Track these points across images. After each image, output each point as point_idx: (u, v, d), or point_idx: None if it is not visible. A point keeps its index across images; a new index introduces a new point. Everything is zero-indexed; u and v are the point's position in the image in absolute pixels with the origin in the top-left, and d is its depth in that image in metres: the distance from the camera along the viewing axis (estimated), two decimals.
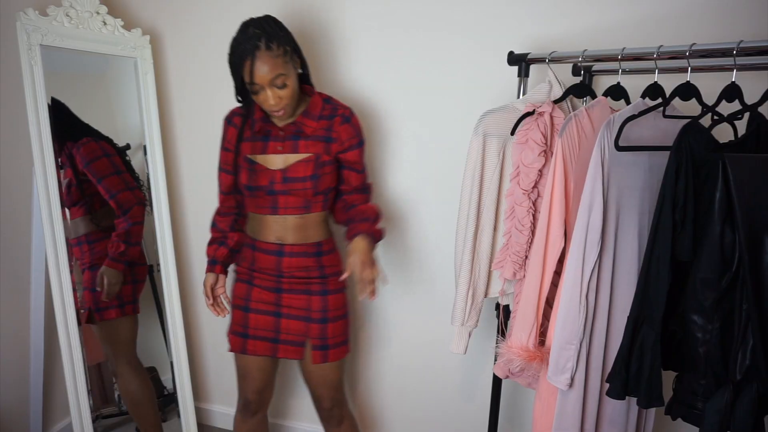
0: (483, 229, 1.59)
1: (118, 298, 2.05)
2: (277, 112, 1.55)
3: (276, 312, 1.70)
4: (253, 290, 1.72)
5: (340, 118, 1.65)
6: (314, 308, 1.69)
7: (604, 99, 1.46)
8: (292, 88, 1.54)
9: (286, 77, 1.51)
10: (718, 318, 1.14)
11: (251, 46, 1.48)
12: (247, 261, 1.73)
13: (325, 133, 1.64)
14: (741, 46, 1.21)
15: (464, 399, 2.12)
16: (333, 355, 1.70)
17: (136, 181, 2.13)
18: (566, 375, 1.36)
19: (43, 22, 1.79)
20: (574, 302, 1.33)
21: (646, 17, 1.67)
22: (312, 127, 1.63)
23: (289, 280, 1.69)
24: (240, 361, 1.78)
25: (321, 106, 1.65)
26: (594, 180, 1.29)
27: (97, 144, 2.01)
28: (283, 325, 1.70)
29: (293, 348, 1.71)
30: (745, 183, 1.08)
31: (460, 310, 1.62)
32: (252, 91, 1.53)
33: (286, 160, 1.63)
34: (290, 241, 1.66)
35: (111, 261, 2.00)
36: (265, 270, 1.69)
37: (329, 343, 1.70)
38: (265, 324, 1.71)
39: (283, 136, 1.64)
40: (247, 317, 1.72)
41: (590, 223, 1.30)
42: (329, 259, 1.73)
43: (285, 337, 1.71)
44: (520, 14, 1.80)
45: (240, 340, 1.74)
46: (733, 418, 1.12)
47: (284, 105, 1.54)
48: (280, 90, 1.52)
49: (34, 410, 2.11)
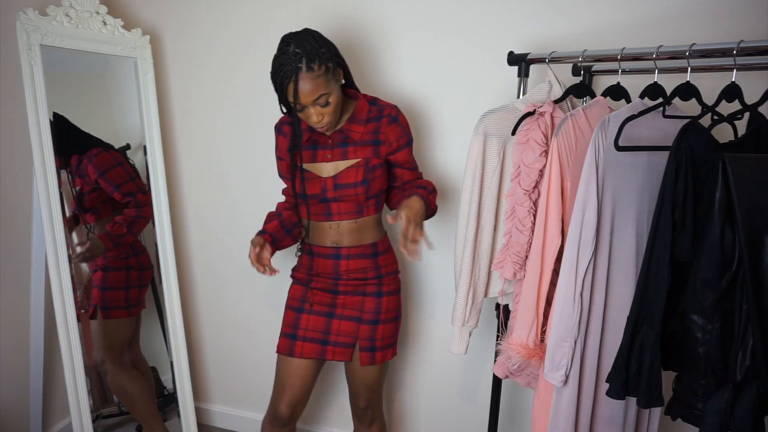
0: (483, 229, 1.59)
1: (126, 300, 2.08)
2: (321, 127, 1.56)
3: (330, 313, 1.70)
4: (309, 292, 1.71)
5: (387, 119, 1.64)
6: (367, 309, 1.68)
7: (602, 99, 1.46)
8: (335, 105, 1.53)
9: (329, 95, 1.50)
10: (718, 318, 1.14)
11: (292, 69, 1.45)
12: (306, 266, 1.73)
13: (373, 137, 1.63)
14: (741, 46, 1.21)
15: (464, 399, 2.12)
16: (380, 357, 1.70)
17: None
18: (561, 372, 1.36)
19: (43, 22, 1.79)
20: (568, 300, 1.34)
21: (646, 17, 1.67)
22: (359, 133, 1.62)
23: (346, 282, 1.69)
24: (282, 366, 1.75)
25: (367, 109, 1.64)
26: (588, 179, 1.29)
27: (109, 154, 2.06)
28: (334, 327, 1.70)
29: (342, 350, 1.70)
30: (745, 183, 1.07)
31: (460, 311, 1.62)
32: (296, 109, 1.52)
33: (337, 167, 1.63)
34: (346, 244, 1.67)
35: (105, 236, 2.03)
36: (324, 274, 1.70)
37: (377, 345, 1.69)
38: (316, 325, 1.70)
39: (331, 144, 1.63)
40: (299, 318, 1.71)
41: (584, 222, 1.31)
42: (385, 259, 1.73)
43: (335, 338, 1.70)
44: (520, 14, 1.80)
45: (288, 341, 1.72)
46: (733, 419, 1.12)
47: (327, 121, 1.54)
48: (323, 108, 1.51)
49: (34, 410, 2.11)
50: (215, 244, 2.34)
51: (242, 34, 2.12)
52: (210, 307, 2.42)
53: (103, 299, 2.06)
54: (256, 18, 2.09)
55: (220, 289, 2.36)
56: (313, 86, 1.46)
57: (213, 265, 2.37)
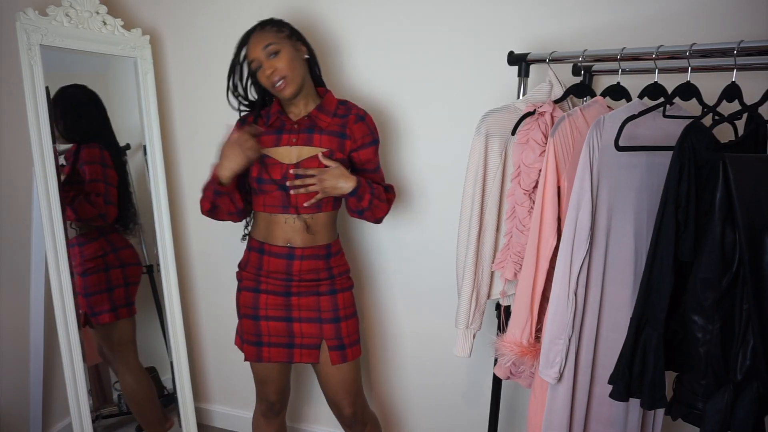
0: (485, 230, 1.58)
1: (111, 302, 2.05)
2: (278, 84, 1.58)
3: (287, 317, 1.69)
4: (260, 297, 1.70)
5: (354, 117, 1.67)
6: (324, 308, 1.68)
7: (601, 99, 1.46)
8: (288, 58, 1.58)
9: (278, 45, 1.58)
10: (719, 318, 1.14)
11: (248, 33, 1.62)
12: (254, 265, 1.71)
13: (340, 129, 1.65)
14: (741, 46, 1.21)
15: (464, 399, 2.12)
16: (351, 354, 1.70)
17: (127, 195, 2.14)
18: (555, 369, 1.37)
19: (43, 22, 1.79)
20: (562, 298, 1.34)
21: (646, 17, 1.67)
22: (326, 122, 1.65)
23: (299, 284, 1.67)
24: (258, 368, 1.77)
25: (336, 103, 1.69)
26: (582, 179, 1.29)
27: (99, 151, 2.04)
28: (296, 330, 1.69)
29: (308, 351, 1.70)
30: (745, 183, 1.07)
31: (464, 313, 1.60)
32: (254, 71, 1.60)
33: (300, 154, 1.63)
34: (299, 245, 1.65)
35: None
36: (275, 274, 1.68)
37: (345, 342, 1.69)
38: (277, 330, 1.70)
39: (297, 129, 1.64)
40: (258, 325, 1.71)
41: (578, 221, 1.31)
42: (337, 260, 1.73)
43: (299, 341, 1.70)
44: (520, 14, 1.80)
45: (254, 348, 1.72)
46: (734, 419, 1.12)
47: (282, 75, 1.57)
48: (273, 59, 1.57)
49: (34, 410, 2.11)
50: (215, 244, 2.34)
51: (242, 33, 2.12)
52: (210, 307, 2.42)
53: (88, 305, 2.03)
54: (256, 18, 2.09)
55: (220, 289, 2.36)
56: (262, 38, 1.59)
57: (213, 265, 2.37)
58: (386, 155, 2.03)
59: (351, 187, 1.57)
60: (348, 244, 2.14)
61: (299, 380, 2.33)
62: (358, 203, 1.62)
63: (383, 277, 2.14)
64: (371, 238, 2.13)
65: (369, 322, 2.20)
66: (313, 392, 2.33)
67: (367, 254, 2.15)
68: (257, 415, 1.87)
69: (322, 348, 1.69)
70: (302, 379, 2.33)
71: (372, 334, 2.20)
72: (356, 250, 2.15)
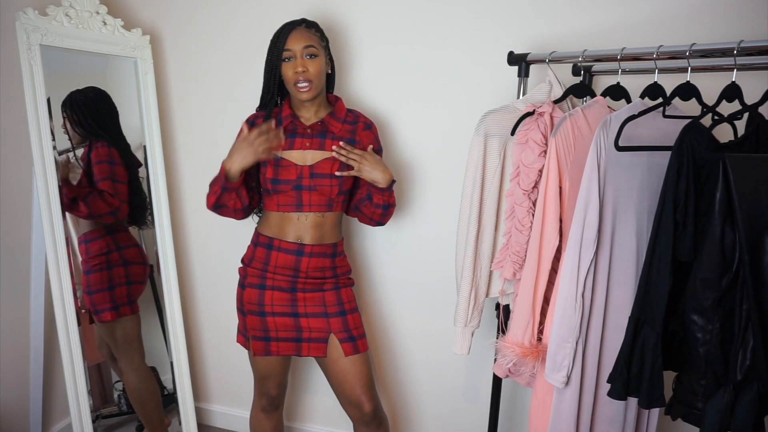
0: (484, 230, 1.59)
1: (112, 300, 2.06)
2: (302, 83, 1.62)
3: (293, 312, 1.72)
4: (266, 294, 1.72)
5: (362, 125, 1.75)
6: (329, 303, 1.72)
7: (601, 99, 1.46)
8: (320, 68, 1.63)
9: (317, 50, 1.63)
10: (719, 318, 1.14)
11: (291, 25, 1.64)
12: (261, 260, 1.73)
13: (350, 136, 1.72)
14: (741, 46, 1.20)
15: (464, 398, 2.12)
16: (361, 345, 1.72)
17: (138, 196, 2.14)
18: (563, 373, 1.36)
19: (43, 21, 1.79)
20: (570, 300, 1.34)
21: (646, 17, 1.67)
22: (338, 128, 1.70)
23: (305, 281, 1.71)
24: (262, 363, 1.78)
25: (346, 111, 1.75)
26: (590, 179, 1.29)
27: (107, 149, 2.03)
28: (303, 324, 1.72)
29: (317, 345, 1.73)
30: (745, 183, 1.07)
31: (462, 311, 1.62)
32: (283, 59, 1.62)
33: (313, 157, 1.68)
34: (308, 241, 1.69)
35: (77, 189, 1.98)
36: (282, 269, 1.70)
37: (354, 334, 1.72)
38: (285, 326, 1.72)
39: (311, 133, 1.69)
40: (265, 321, 1.73)
41: (586, 222, 1.31)
42: (341, 260, 1.79)
43: (308, 335, 1.72)
44: (519, 14, 1.80)
45: (262, 343, 1.74)
46: (734, 419, 1.12)
47: (310, 77, 1.61)
48: (309, 60, 1.62)
49: (34, 410, 2.11)
50: (215, 244, 2.34)
51: (242, 34, 2.12)
52: (210, 307, 2.42)
53: (92, 303, 2.04)
54: (256, 18, 2.09)
55: (220, 289, 2.36)
56: (306, 36, 1.63)
57: (213, 265, 2.37)
58: (386, 155, 2.03)
59: (384, 179, 1.64)
60: (348, 245, 2.14)
61: (296, 376, 2.33)
62: (385, 198, 1.69)
63: (383, 277, 2.15)
64: (371, 238, 2.13)
65: (368, 322, 2.20)
66: (311, 390, 2.33)
67: (367, 254, 2.15)
68: (256, 411, 1.89)
69: (330, 344, 1.71)
70: (299, 375, 2.33)
71: (371, 333, 2.20)
72: (356, 250, 2.15)
